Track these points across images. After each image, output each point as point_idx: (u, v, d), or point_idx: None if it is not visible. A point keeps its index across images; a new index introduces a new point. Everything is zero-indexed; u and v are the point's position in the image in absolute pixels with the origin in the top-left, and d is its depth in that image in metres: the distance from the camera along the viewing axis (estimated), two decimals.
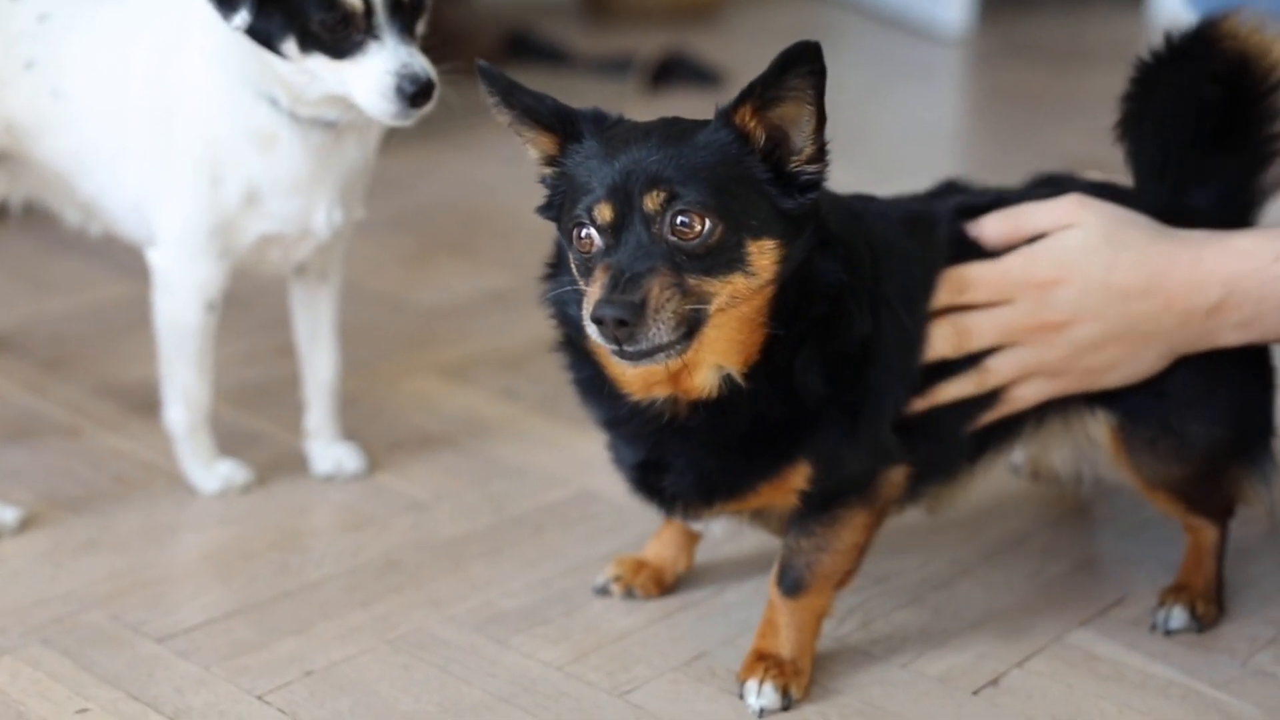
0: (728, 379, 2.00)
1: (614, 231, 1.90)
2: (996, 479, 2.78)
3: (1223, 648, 2.31)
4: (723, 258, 1.90)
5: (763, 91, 1.90)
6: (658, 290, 1.85)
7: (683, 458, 2.09)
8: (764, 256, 1.92)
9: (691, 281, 1.88)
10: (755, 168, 1.93)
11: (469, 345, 3.37)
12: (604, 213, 1.91)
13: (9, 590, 2.38)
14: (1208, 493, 2.36)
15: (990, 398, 2.25)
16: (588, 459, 2.82)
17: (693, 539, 2.43)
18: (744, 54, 1.83)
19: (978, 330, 2.20)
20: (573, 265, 1.97)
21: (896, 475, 2.18)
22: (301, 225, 2.56)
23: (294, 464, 2.77)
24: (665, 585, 2.41)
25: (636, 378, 2.02)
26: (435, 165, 4.61)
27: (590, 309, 1.86)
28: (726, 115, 1.93)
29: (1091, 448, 2.37)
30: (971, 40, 6.50)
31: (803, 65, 1.87)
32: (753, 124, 1.93)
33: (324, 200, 2.55)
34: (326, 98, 2.44)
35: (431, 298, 3.63)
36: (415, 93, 2.38)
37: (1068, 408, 2.32)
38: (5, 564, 2.45)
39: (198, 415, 2.65)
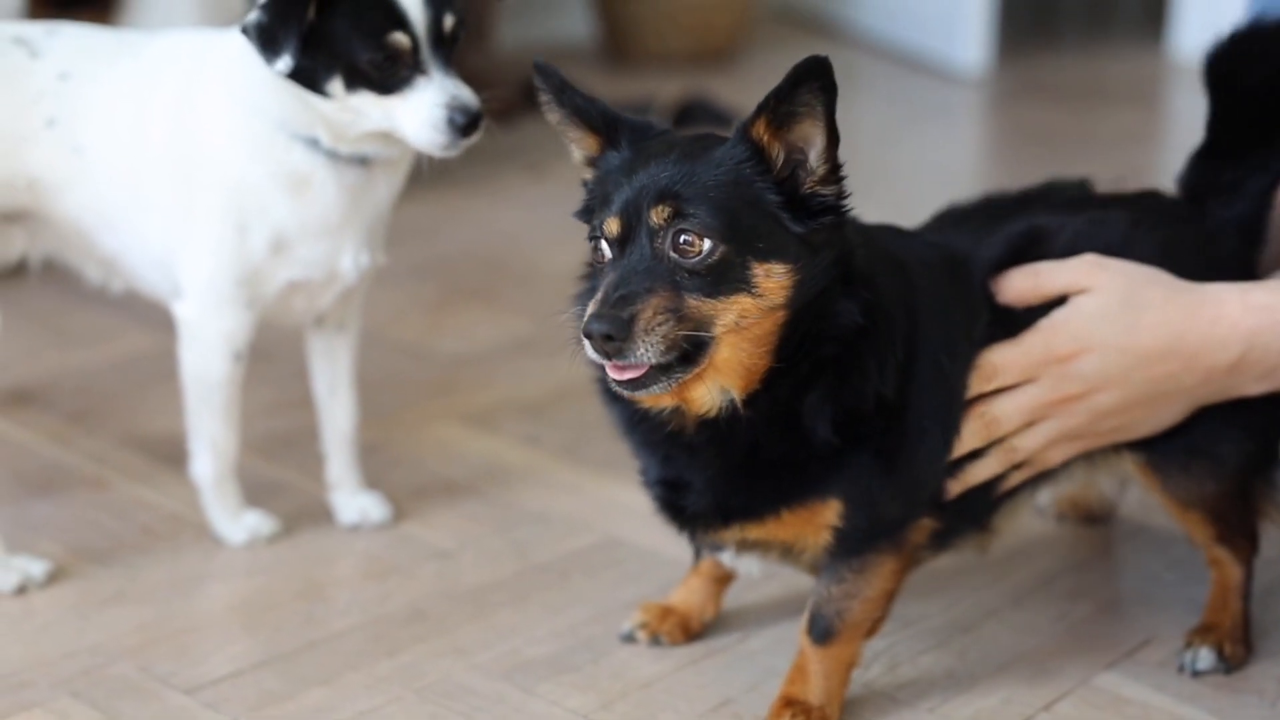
0: (730, 402, 1.98)
1: (621, 245, 1.92)
2: (1022, 521, 2.78)
3: (1251, 689, 2.30)
4: (726, 278, 1.89)
5: (776, 105, 1.89)
6: (650, 312, 1.86)
7: (698, 476, 2.08)
8: (771, 280, 1.91)
9: (692, 303, 1.88)
10: (767, 188, 1.92)
11: (491, 392, 3.38)
12: (612, 226, 1.93)
13: (38, 642, 2.39)
14: (1240, 511, 2.35)
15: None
16: (612, 505, 2.83)
17: (720, 586, 2.43)
18: (763, 96, 1.87)
19: (1005, 418, 2.18)
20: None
21: (926, 523, 2.18)
22: (329, 270, 2.57)
23: (319, 514, 2.78)
24: (692, 633, 2.41)
25: None
26: (456, 213, 4.63)
27: (582, 323, 1.87)
28: (744, 130, 1.93)
29: (1122, 479, 2.36)
30: (990, 80, 6.51)
31: (813, 80, 1.86)
32: (769, 141, 1.92)
33: (351, 242, 2.57)
34: (369, 134, 2.47)
35: (453, 345, 3.65)
36: (465, 123, 2.42)
37: (1093, 453, 2.31)
38: (34, 616, 2.46)
39: (225, 466, 2.66)
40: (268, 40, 2.37)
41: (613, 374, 1.90)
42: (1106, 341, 2.18)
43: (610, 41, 6.76)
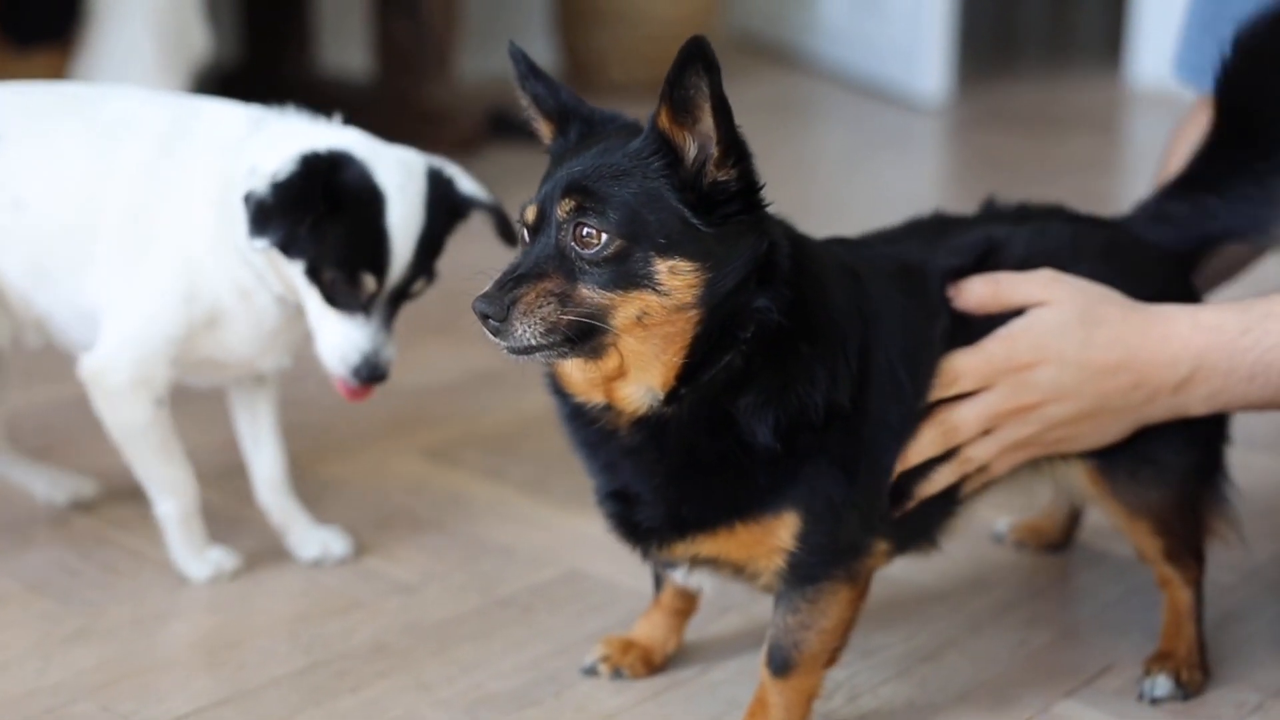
0: (658, 401, 1.99)
1: (534, 234, 1.96)
2: (980, 548, 2.80)
3: (1209, 714, 2.32)
4: (625, 272, 1.90)
5: (670, 92, 1.89)
6: (533, 295, 1.90)
7: (645, 484, 2.08)
8: (676, 277, 1.91)
9: (585, 292, 1.90)
10: (673, 183, 1.91)
11: (455, 426, 3.39)
12: (529, 214, 1.97)
13: None
14: (1187, 524, 2.37)
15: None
16: (576, 538, 2.84)
17: (681, 619, 2.44)
18: None
19: (964, 425, 2.21)
20: None
21: (882, 547, 2.18)
22: (250, 365, 2.64)
23: (280, 550, 2.78)
24: (654, 666, 2.41)
25: (575, 380, 2.03)
26: None
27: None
28: (653, 123, 1.94)
29: (1068, 488, 2.39)
30: (949, 109, 6.56)
31: (695, 60, 1.85)
32: (675, 131, 1.92)
33: (278, 350, 2.65)
34: None
35: (416, 378, 3.65)
36: (367, 377, 2.50)
37: (1039, 460, 2.34)
38: None
39: (187, 503, 2.66)
40: (261, 219, 2.39)
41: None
42: (1063, 354, 2.21)
43: (573, 72, 6.80)
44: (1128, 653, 2.47)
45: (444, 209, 2.55)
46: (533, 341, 1.91)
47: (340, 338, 2.49)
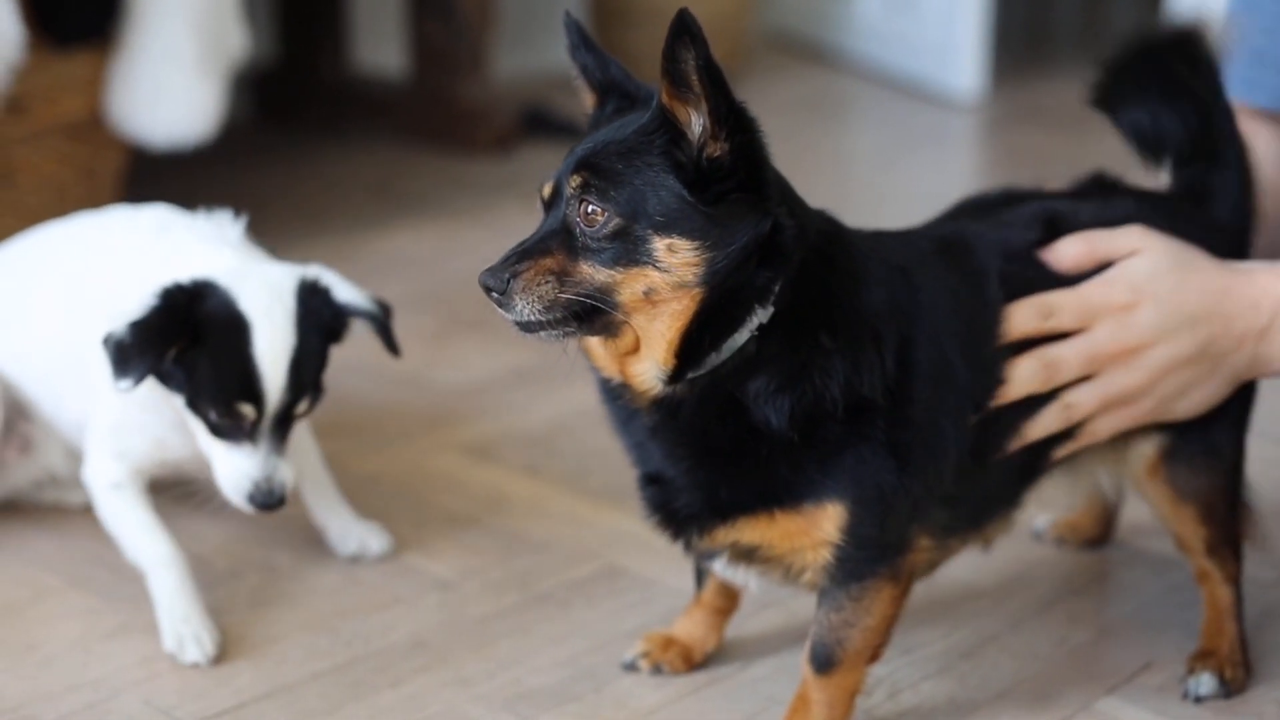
0: (668, 380, 1.99)
1: (547, 209, 1.98)
2: (1019, 546, 2.79)
3: (1251, 712, 2.31)
4: (625, 250, 1.91)
5: (666, 67, 1.88)
6: (533, 273, 1.91)
7: (673, 468, 2.07)
8: (676, 256, 1.90)
9: (586, 270, 1.91)
10: (673, 162, 1.91)
11: (491, 423, 3.39)
12: (545, 190, 1.99)
13: (40, 676, 2.40)
14: (1230, 510, 2.38)
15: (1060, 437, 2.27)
16: (614, 534, 2.84)
17: (722, 618, 2.43)
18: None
19: (1065, 362, 2.21)
20: None
21: (925, 543, 2.17)
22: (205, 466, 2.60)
23: (319, 546, 2.79)
24: (693, 663, 2.41)
25: (599, 354, 2.04)
26: (454, 243, 4.65)
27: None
28: (657, 100, 1.93)
29: (1121, 470, 2.39)
30: (984, 106, 6.53)
31: (683, 33, 1.84)
32: (677, 108, 1.91)
33: None
34: None
35: (452, 376, 3.66)
36: (263, 504, 2.45)
37: (1096, 447, 2.33)
38: (37, 650, 2.47)
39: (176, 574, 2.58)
40: (121, 360, 2.36)
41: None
42: (1159, 295, 2.23)
43: None
44: (1168, 650, 2.46)
45: (318, 325, 2.47)
46: (533, 318, 1.92)
47: (230, 468, 2.43)
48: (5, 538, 2.71)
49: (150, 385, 2.44)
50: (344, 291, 2.53)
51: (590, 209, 1.92)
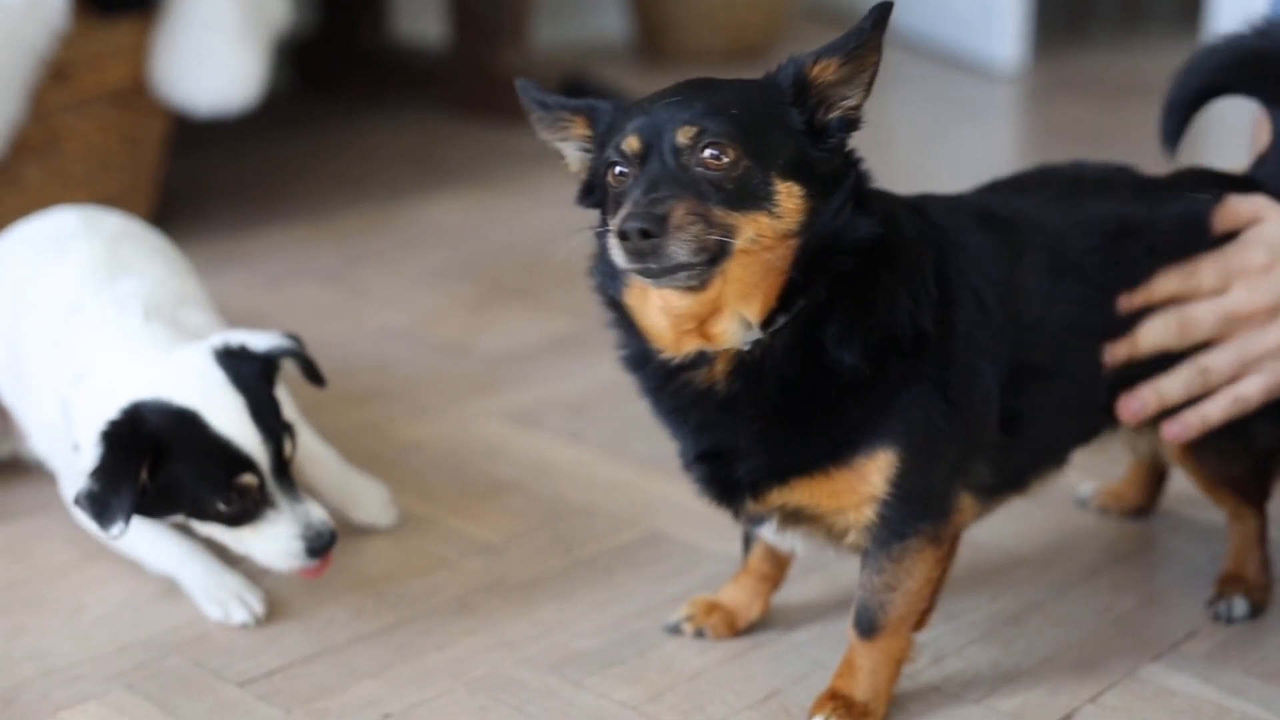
0: (755, 337, 2.00)
1: (641, 161, 1.95)
2: (1063, 513, 2.79)
3: None
4: (749, 192, 1.92)
5: (851, 43, 1.96)
6: (681, 211, 1.89)
7: (743, 437, 2.07)
8: (791, 200, 1.94)
9: (717, 213, 1.91)
10: (790, 112, 1.98)
11: (534, 390, 3.40)
12: (632, 144, 1.96)
13: (91, 637, 2.42)
14: (1261, 480, 2.46)
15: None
16: (656, 500, 2.85)
17: (769, 585, 2.44)
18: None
19: (1199, 320, 2.26)
20: (610, 211, 1.99)
21: (968, 504, 2.18)
22: None
23: None
24: (737, 629, 2.42)
25: (667, 329, 2.02)
26: (494, 212, 4.66)
27: (616, 225, 1.89)
28: (797, 63, 1.99)
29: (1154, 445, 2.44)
30: (1025, 76, 6.51)
31: (883, 24, 1.95)
32: (827, 75, 1.98)
33: None
34: None
35: (495, 343, 3.67)
36: (322, 546, 2.40)
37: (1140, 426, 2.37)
38: (88, 611, 2.50)
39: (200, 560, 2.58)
40: (101, 510, 2.30)
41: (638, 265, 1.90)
42: None
43: (646, 40, 6.78)
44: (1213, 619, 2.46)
45: (252, 377, 2.43)
46: (684, 259, 1.88)
47: (272, 541, 2.40)
48: (52, 500, 2.73)
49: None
50: (255, 340, 2.49)
51: (711, 152, 1.92)
